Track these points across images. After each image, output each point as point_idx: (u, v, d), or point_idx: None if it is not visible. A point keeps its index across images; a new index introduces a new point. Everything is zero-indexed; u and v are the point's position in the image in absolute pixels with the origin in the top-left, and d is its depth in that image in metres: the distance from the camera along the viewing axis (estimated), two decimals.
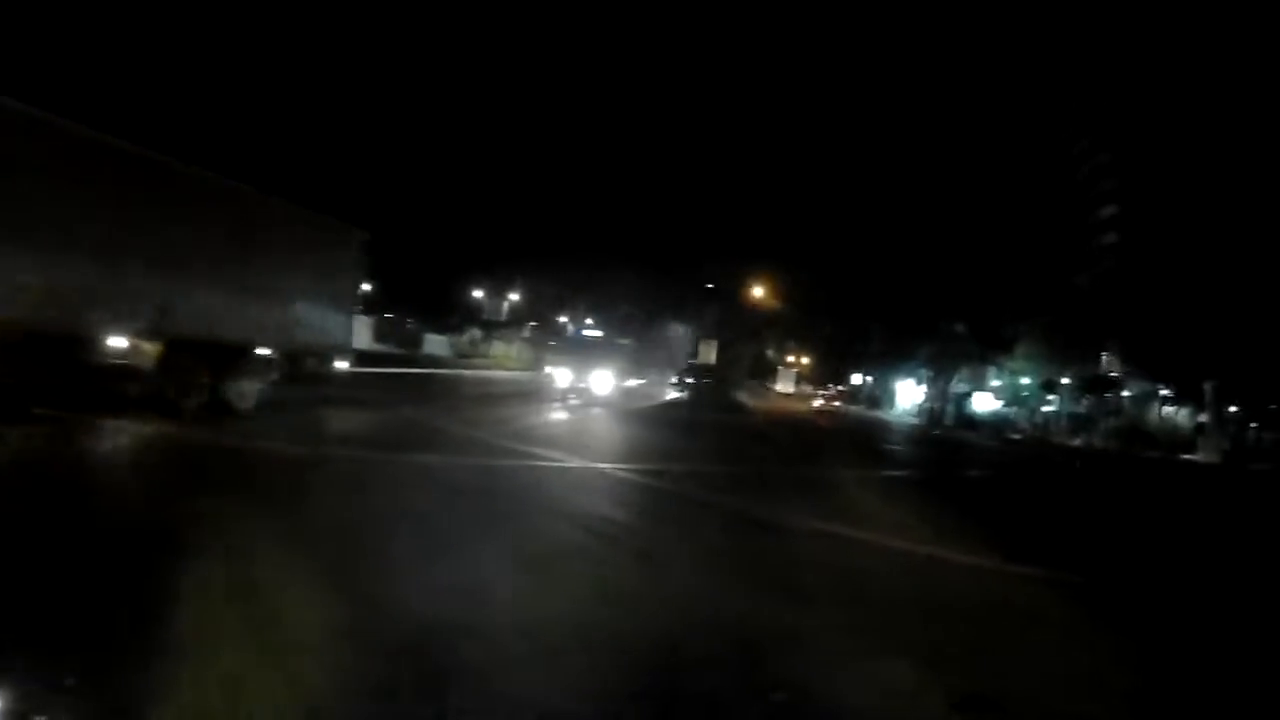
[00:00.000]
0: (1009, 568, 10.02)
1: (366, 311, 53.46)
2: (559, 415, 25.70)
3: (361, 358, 41.43)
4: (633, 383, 46.92)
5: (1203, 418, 48.92)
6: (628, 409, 32.31)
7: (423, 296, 62.95)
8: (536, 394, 34.23)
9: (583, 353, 40.36)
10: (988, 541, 11.44)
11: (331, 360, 19.28)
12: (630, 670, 5.38)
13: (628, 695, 4.94)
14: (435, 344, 67.71)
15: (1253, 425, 49.51)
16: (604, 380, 37.50)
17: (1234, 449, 47.34)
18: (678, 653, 5.74)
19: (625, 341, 50.18)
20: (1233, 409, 48.83)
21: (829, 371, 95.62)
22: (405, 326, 63.93)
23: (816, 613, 7.13)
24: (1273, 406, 47.08)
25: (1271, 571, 13.15)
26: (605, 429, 23.65)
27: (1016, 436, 54.30)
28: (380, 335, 58.49)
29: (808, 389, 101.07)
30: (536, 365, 64.80)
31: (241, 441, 13.08)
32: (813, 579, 8.38)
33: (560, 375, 37.44)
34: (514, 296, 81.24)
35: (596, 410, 29.09)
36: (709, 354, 67.90)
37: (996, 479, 25.37)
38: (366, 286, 50.79)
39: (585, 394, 35.23)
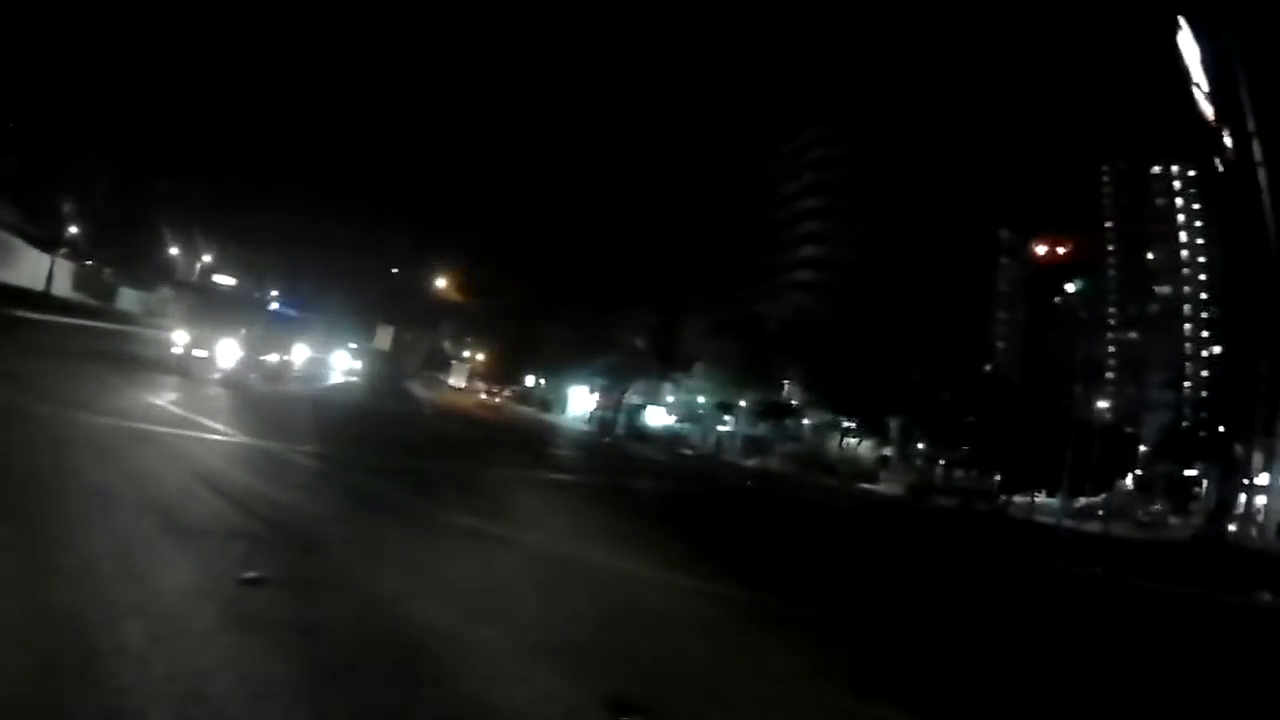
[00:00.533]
0: (660, 575, 10.04)
1: (73, 255, 52.16)
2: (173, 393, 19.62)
3: (50, 304, 37.37)
4: (290, 357, 42.56)
5: (887, 451, 50.61)
6: (281, 388, 28.38)
7: (124, 246, 58.61)
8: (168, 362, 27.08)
9: (221, 314, 31.89)
10: (639, 549, 11.45)
11: None
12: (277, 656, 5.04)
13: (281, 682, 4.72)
14: (129, 299, 62.48)
15: (940, 463, 51.64)
16: (239, 351, 29.50)
17: (918, 483, 48.83)
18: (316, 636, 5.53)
19: (280, 306, 43.73)
20: (920, 445, 50.95)
21: (504, 370, 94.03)
22: (103, 277, 60.25)
23: (462, 609, 6.91)
24: (964, 447, 49.13)
25: (910, 583, 14.61)
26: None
27: (688, 452, 54.16)
28: (79, 284, 55.29)
29: (480, 385, 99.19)
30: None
31: None
32: (460, 575, 8.23)
33: (183, 340, 28.46)
34: (207, 258, 73.77)
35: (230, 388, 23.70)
36: (384, 339, 68.73)
37: (658, 490, 25.09)
38: (73, 229, 49.47)
39: (213, 365, 27.37)
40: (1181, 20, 53.00)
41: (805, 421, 54.05)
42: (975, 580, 17.64)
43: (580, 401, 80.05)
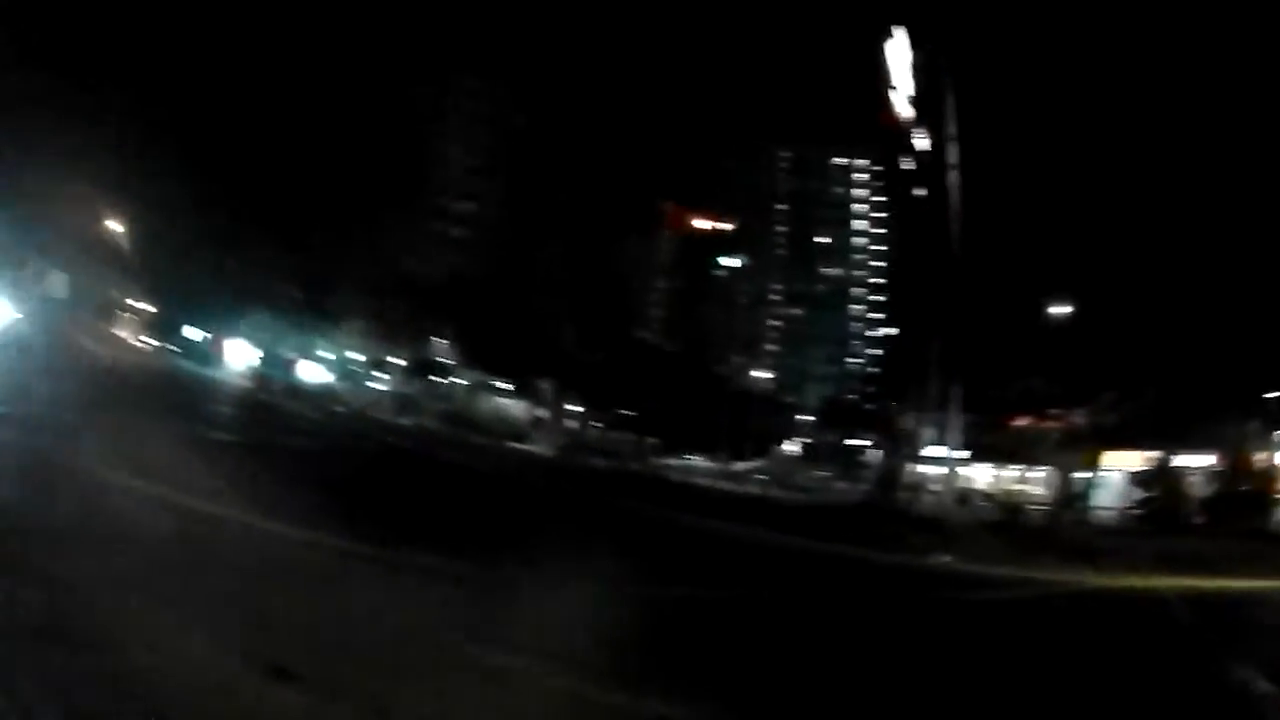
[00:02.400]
0: (320, 539, 10.30)
1: None
2: None
3: None
4: None
5: (540, 412, 50.52)
6: None
7: None
8: None
9: None
10: (289, 509, 11.42)
11: None
12: None
13: None
14: None
15: (595, 425, 52.48)
16: None
17: (570, 443, 49.92)
18: None
19: None
20: (574, 408, 51.67)
21: (163, 321, 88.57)
22: None
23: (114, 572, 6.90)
24: (619, 410, 49.90)
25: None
26: None
27: (340, 409, 54.12)
28: None
29: (144, 338, 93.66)
30: None
31: None
32: (110, 534, 8.21)
33: None
34: None
35: None
36: (59, 288, 61.97)
37: (303, 448, 25.26)
38: None
39: None
40: (897, 30, 56.24)
41: (458, 381, 53.49)
42: (606, 535, 17.83)
43: (239, 355, 76.53)
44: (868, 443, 60.08)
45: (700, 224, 60.92)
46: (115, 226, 71.79)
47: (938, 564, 22.12)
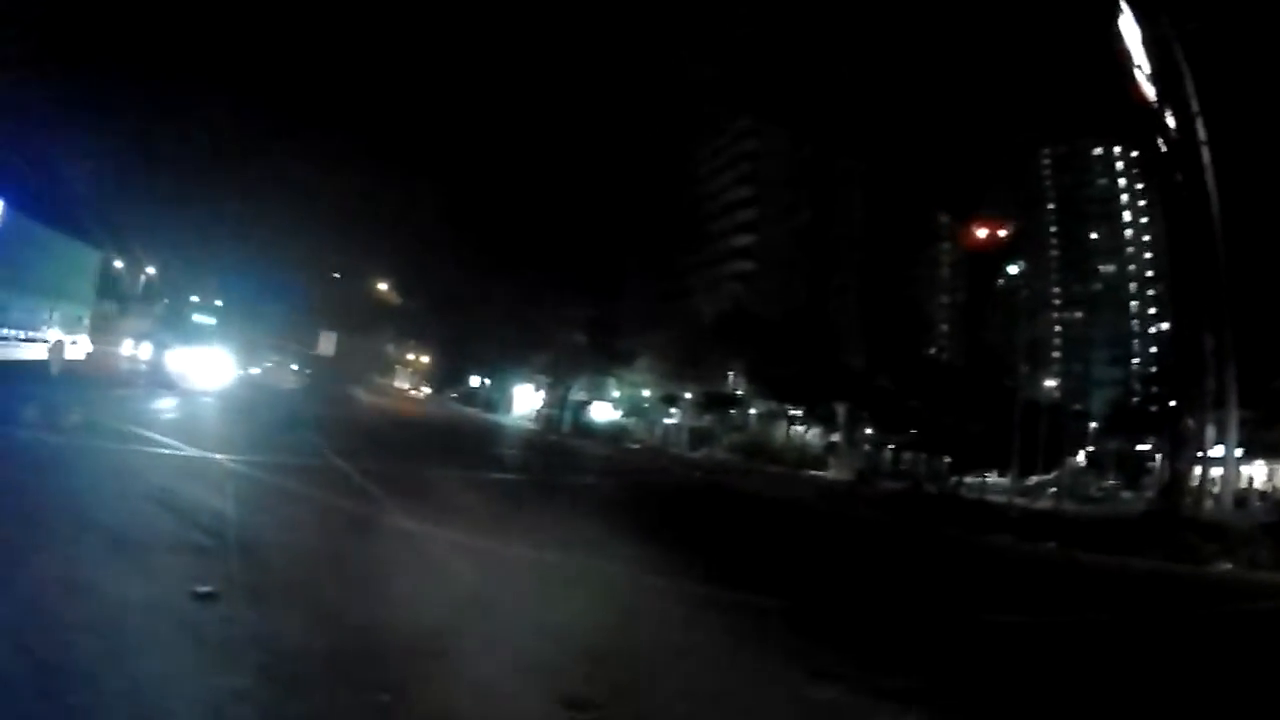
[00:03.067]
0: (620, 572, 10.13)
1: None
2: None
3: None
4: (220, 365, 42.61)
5: (835, 438, 50.70)
6: (212, 396, 28.88)
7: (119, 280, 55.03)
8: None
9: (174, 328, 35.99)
10: (591, 546, 11.53)
11: None
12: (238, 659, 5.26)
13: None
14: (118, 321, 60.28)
15: (889, 447, 51.91)
16: (197, 361, 32.30)
17: (867, 468, 48.56)
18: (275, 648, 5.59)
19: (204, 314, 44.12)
20: (867, 431, 51.20)
21: (448, 372, 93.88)
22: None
23: (416, 614, 7.00)
24: (910, 430, 49.31)
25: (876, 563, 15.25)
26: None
27: (635, 446, 54.65)
28: None
29: (423, 389, 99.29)
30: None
31: None
32: (408, 579, 8.28)
33: (144, 351, 33.22)
34: (150, 270, 72.37)
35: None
36: (328, 346, 67.11)
37: (606, 485, 25.38)
38: None
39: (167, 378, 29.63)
40: (1123, 3, 53.80)
41: (751, 411, 53.95)
42: (927, 561, 17.53)
43: (525, 400, 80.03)
44: (1149, 447, 57.49)
45: (979, 233, 59.34)
46: (384, 285, 75.82)
47: (1220, 572, 21.30)
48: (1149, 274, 73.33)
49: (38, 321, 22.55)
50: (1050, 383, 61.43)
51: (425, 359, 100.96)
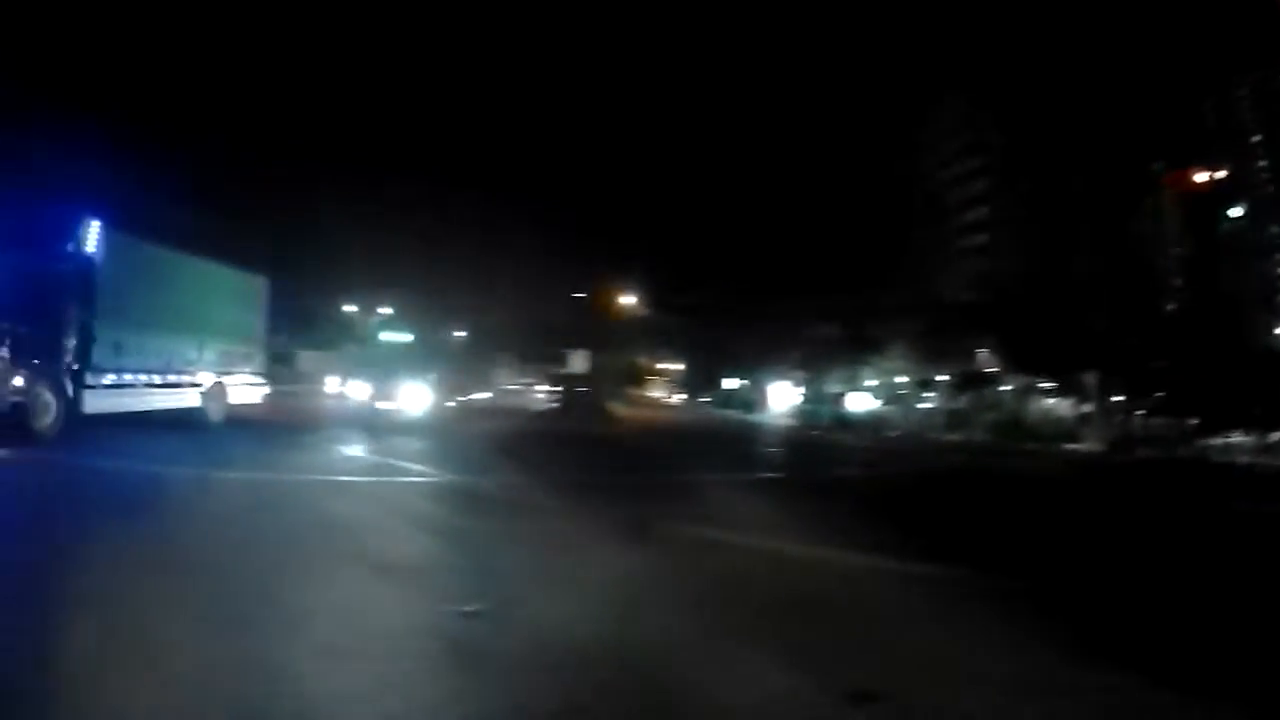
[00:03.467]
0: (888, 564, 10.21)
1: None
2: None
3: None
4: (469, 396, 45.35)
5: (1086, 408, 50.62)
6: (474, 426, 31.54)
7: (292, 314, 60.64)
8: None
9: (393, 362, 36.28)
10: (859, 539, 11.80)
11: None
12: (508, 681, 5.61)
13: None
14: (308, 360, 66.71)
15: (1139, 413, 50.50)
16: (418, 395, 33.00)
17: (1120, 437, 47.15)
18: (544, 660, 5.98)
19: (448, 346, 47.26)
20: (1117, 398, 49.59)
21: (700, 377, 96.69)
22: (276, 344, 63.04)
23: (699, 617, 7.39)
24: (1158, 394, 48.05)
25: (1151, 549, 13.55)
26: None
27: (893, 434, 54.02)
28: None
29: (678, 396, 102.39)
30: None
31: None
32: (694, 583, 8.71)
33: (358, 390, 33.19)
34: (386, 310, 79.50)
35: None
36: (579, 363, 69.80)
37: (866, 477, 25.29)
38: None
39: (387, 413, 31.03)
40: None
41: (1003, 388, 53.78)
42: (1188, 532, 16.44)
43: (781, 397, 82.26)
44: None
45: (1196, 178, 56.96)
46: (629, 300, 78.51)
47: None
48: None
49: (178, 362, 20.95)
50: None
51: (676, 366, 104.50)
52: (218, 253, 23.69)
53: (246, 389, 24.15)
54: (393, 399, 31.89)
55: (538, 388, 73.58)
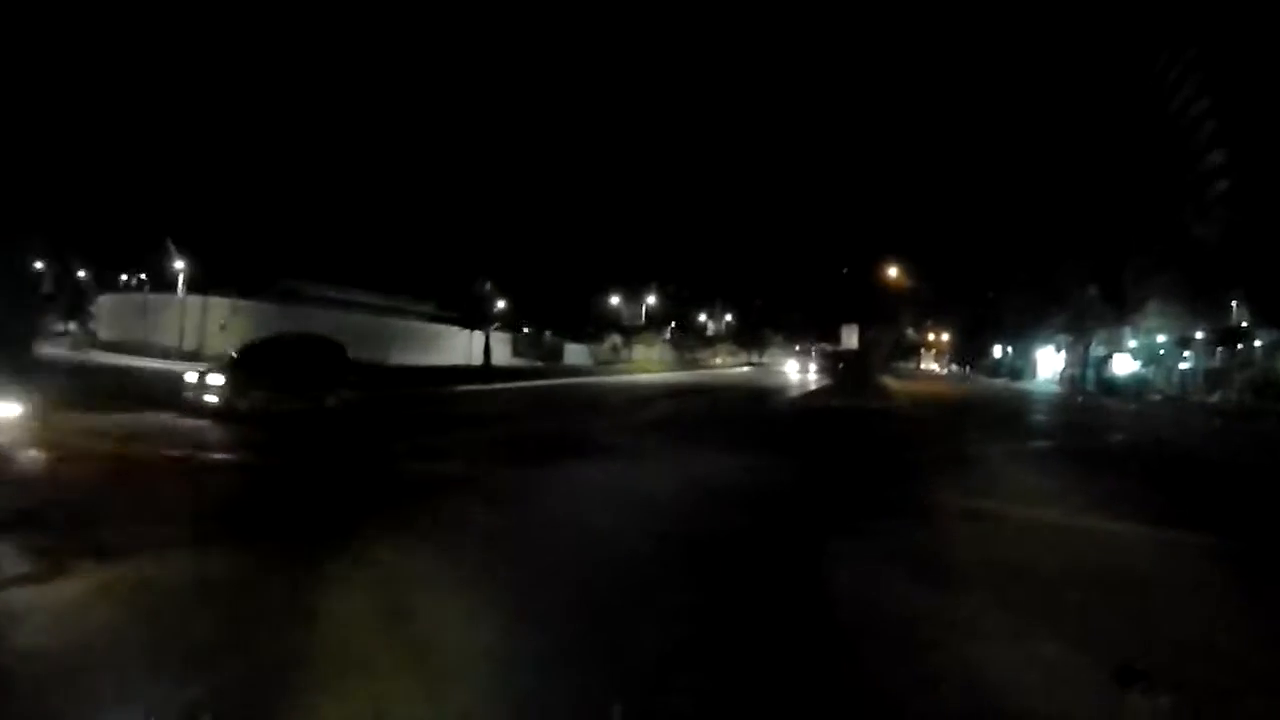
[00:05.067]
0: (1161, 534, 10.41)
1: (504, 327, 59.04)
2: None
3: (501, 373, 45.51)
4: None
5: None
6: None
7: (558, 308, 64.62)
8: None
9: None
10: (1135, 509, 12.00)
11: None
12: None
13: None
14: (576, 353, 71.59)
15: None
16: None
17: None
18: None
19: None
20: None
21: (968, 347, 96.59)
22: (545, 339, 67.63)
23: (972, 592, 7.64)
24: None
25: None
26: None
27: (1156, 397, 54.33)
28: (518, 349, 63.27)
29: (948, 367, 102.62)
30: (677, 366, 70.34)
31: None
32: (965, 557, 8.96)
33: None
34: (650, 300, 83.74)
35: None
36: (850, 338, 71.72)
37: (1138, 444, 25.05)
38: (501, 304, 56.07)
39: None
40: None
41: (1256, 344, 51.48)
42: None
43: (1048, 364, 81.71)
44: None
45: None
46: (896, 273, 79.57)
47: None
48: None
49: None
50: None
51: (945, 337, 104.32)
52: None
53: None
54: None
55: (809, 364, 75.55)
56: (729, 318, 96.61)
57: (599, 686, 5.22)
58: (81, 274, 63.95)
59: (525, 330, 64.60)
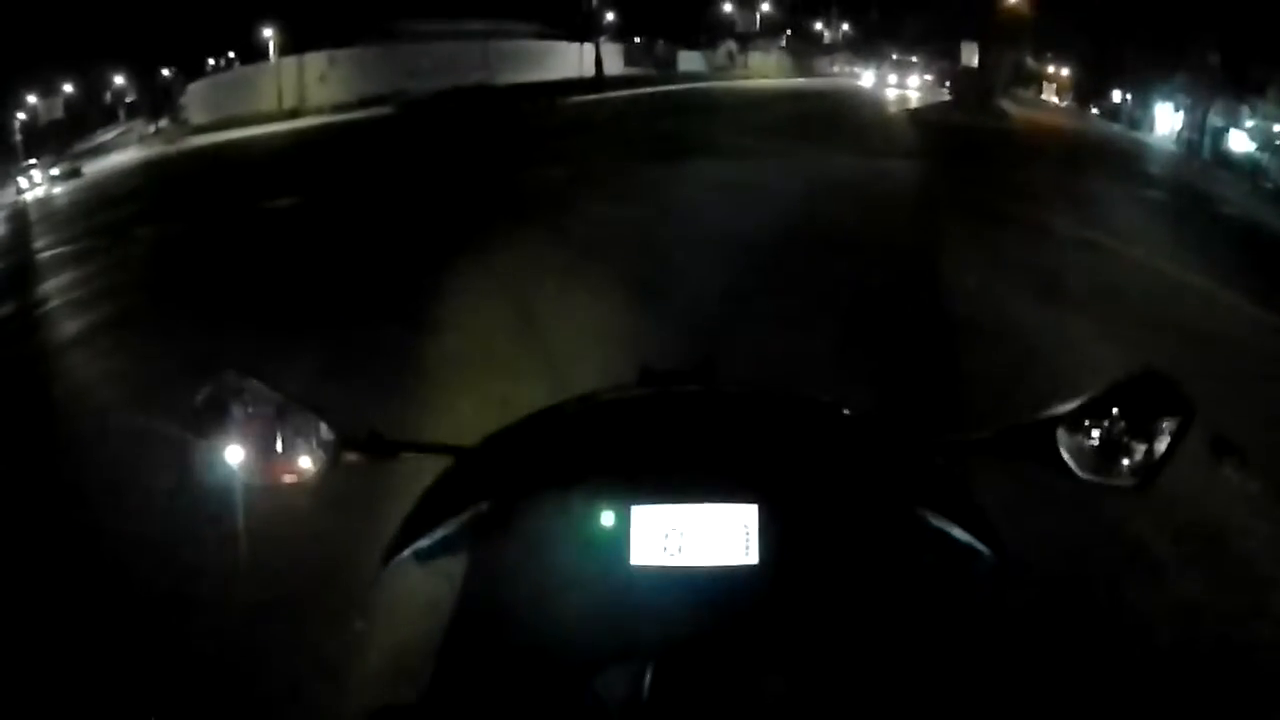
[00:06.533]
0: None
1: (615, 38, 60.60)
2: None
3: (614, 82, 46.79)
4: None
5: None
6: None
7: (669, 17, 65.29)
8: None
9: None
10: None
11: None
12: None
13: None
14: (690, 60, 70.88)
15: None
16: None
17: None
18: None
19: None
20: None
21: (1087, 86, 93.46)
22: (657, 48, 67.59)
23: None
24: None
25: None
26: None
27: (1269, 185, 52.44)
28: (631, 59, 63.82)
29: (1068, 102, 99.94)
30: (795, 72, 69.96)
31: None
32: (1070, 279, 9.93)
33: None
34: (765, 7, 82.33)
35: None
36: (971, 57, 71.30)
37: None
38: (611, 16, 57.93)
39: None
40: None
41: None
42: None
43: (1166, 120, 78.92)
44: None
45: None
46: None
47: None
48: None
49: None
50: None
51: (1065, 72, 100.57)
52: None
53: None
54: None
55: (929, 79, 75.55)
56: (845, 27, 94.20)
57: None
58: (165, 72, 63.88)
59: (637, 40, 64.70)
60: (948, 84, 59.80)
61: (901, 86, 72.90)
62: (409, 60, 39.81)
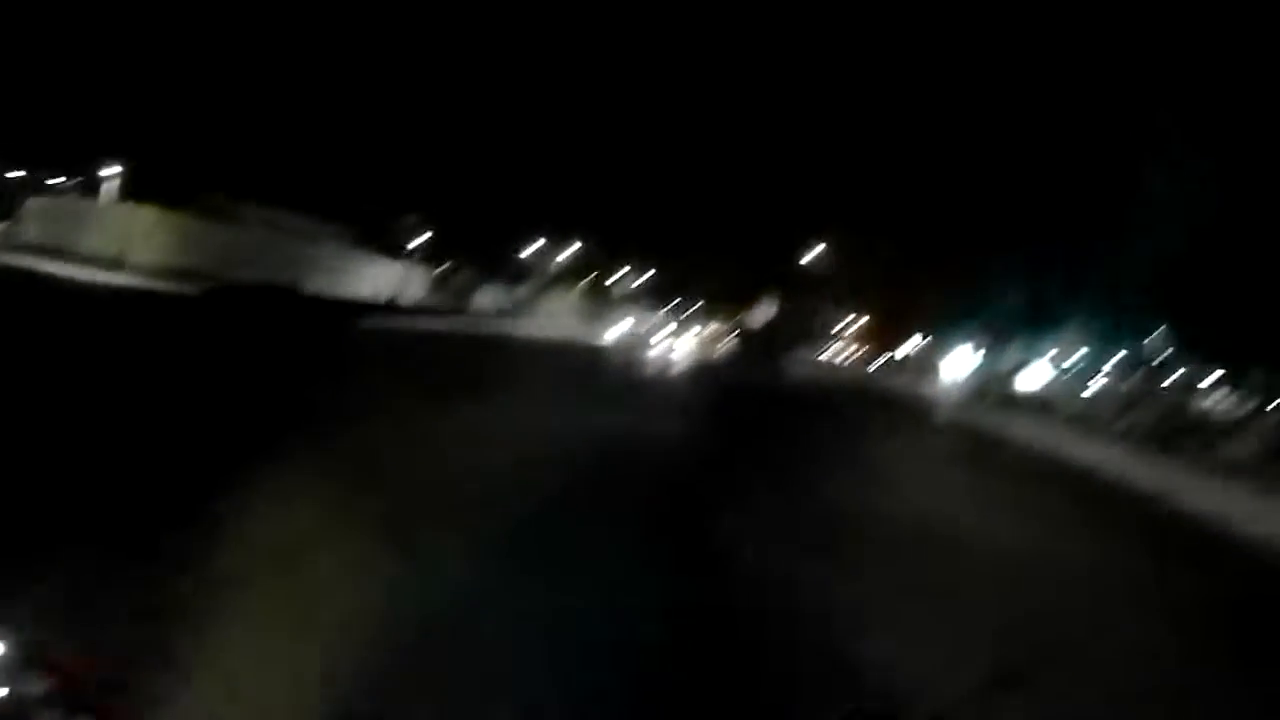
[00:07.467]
0: None
1: (427, 256, 61.18)
2: None
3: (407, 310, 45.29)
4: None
5: (1248, 405, 45.96)
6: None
7: (483, 245, 65.81)
8: None
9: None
10: None
11: None
12: None
13: None
14: (490, 294, 70.25)
15: None
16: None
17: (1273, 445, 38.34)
18: None
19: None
20: None
21: (883, 336, 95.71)
22: (458, 279, 67.86)
23: None
24: None
25: None
26: None
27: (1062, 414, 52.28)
28: (434, 285, 63.40)
29: (854, 356, 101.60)
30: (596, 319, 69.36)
31: None
32: None
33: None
34: (570, 251, 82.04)
35: None
36: (762, 314, 74.51)
37: None
38: (428, 234, 58.51)
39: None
40: None
41: (1174, 374, 50.54)
42: None
43: (955, 367, 79.43)
44: None
45: None
46: (816, 253, 77.78)
47: None
48: None
49: None
50: None
51: (862, 320, 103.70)
52: None
53: None
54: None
55: (724, 334, 75.22)
56: (647, 276, 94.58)
57: None
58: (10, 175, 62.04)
59: (444, 266, 65.46)
60: (738, 337, 59.00)
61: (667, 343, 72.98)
62: (230, 241, 41.55)
